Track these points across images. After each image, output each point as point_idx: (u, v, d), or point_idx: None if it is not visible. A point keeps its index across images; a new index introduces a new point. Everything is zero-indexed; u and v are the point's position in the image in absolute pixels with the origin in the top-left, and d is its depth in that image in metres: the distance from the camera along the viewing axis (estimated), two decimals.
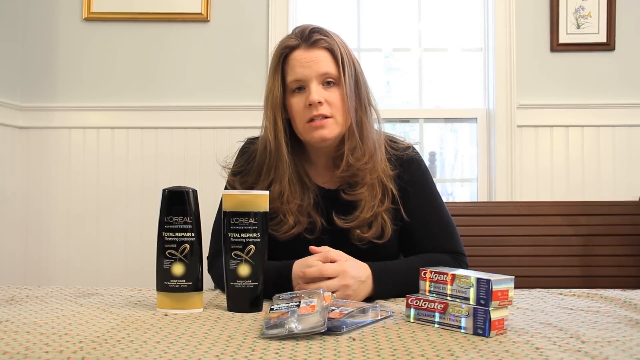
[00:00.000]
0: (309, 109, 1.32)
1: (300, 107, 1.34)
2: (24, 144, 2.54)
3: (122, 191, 2.54)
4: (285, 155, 1.35)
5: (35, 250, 2.54)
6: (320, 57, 1.34)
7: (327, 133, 1.33)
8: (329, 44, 1.35)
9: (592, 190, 2.48)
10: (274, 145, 1.36)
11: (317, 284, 1.16)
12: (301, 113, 1.34)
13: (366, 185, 1.35)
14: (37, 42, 2.56)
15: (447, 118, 2.70)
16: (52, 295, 1.23)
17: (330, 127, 1.33)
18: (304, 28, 1.37)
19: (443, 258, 1.34)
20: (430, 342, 0.87)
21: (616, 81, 2.50)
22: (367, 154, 1.35)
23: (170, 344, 0.84)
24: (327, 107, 1.32)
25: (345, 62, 1.36)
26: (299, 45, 1.35)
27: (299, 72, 1.33)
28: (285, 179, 1.35)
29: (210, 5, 2.54)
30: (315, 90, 1.32)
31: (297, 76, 1.34)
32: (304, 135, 1.36)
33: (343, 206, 1.35)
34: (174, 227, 1.08)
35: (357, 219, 1.33)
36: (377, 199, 1.35)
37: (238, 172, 1.43)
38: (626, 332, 0.94)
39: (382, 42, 2.68)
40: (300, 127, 1.35)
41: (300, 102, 1.34)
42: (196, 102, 2.54)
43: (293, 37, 1.37)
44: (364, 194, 1.34)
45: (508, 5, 2.51)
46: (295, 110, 1.35)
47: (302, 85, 1.34)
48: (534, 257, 2.31)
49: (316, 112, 1.31)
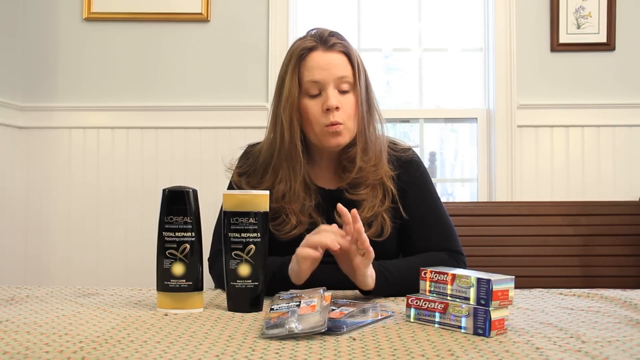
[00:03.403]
0: (326, 114, 1.34)
1: (317, 111, 1.35)
2: (24, 144, 2.54)
3: (122, 191, 2.54)
4: (300, 157, 1.36)
5: (36, 250, 2.54)
6: (337, 60, 1.36)
7: (341, 140, 1.35)
8: (346, 48, 1.38)
9: (592, 190, 2.48)
10: (289, 146, 1.36)
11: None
12: (318, 117, 1.35)
13: (369, 186, 1.37)
14: (37, 42, 2.56)
15: (447, 118, 2.70)
16: (52, 295, 1.23)
17: (345, 134, 1.36)
18: (321, 31, 1.39)
19: (442, 257, 1.35)
20: (430, 342, 0.87)
21: (616, 81, 2.50)
22: (374, 158, 1.38)
23: (170, 344, 0.84)
24: (343, 113, 1.34)
25: (360, 68, 1.39)
26: (316, 47, 1.37)
27: (317, 75, 1.34)
28: (297, 180, 1.36)
29: (210, 5, 2.54)
30: (332, 94, 1.34)
31: (315, 78, 1.35)
32: (319, 138, 1.37)
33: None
34: (174, 227, 1.08)
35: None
36: (377, 199, 1.36)
37: (244, 172, 1.44)
38: (626, 332, 0.94)
39: (382, 42, 2.68)
40: (317, 131, 1.36)
41: (317, 106, 1.35)
42: (196, 102, 2.54)
43: (310, 39, 1.38)
44: (367, 194, 1.36)
45: (508, 5, 2.51)
46: (311, 114, 1.36)
47: (319, 88, 1.35)
48: (534, 257, 2.31)
49: (333, 118, 1.33)
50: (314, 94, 1.36)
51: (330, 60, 1.35)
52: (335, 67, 1.35)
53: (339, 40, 1.38)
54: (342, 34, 1.42)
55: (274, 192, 1.36)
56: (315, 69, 1.35)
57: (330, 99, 1.33)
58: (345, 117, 1.35)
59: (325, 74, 1.34)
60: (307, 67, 1.36)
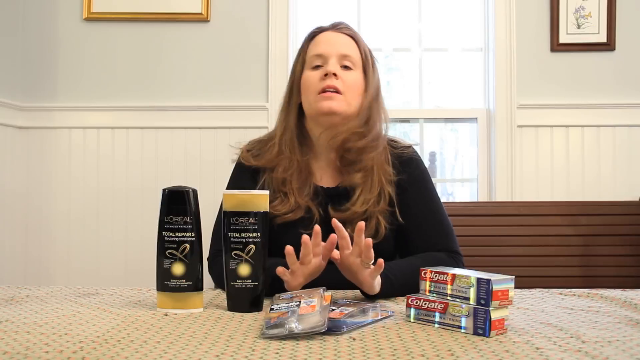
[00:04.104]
0: (323, 79, 1.36)
1: (315, 79, 1.37)
2: (24, 144, 2.54)
3: (122, 191, 2.54)
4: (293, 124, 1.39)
5: (36, 250, 2.54)
6: (344, 40, 1.42)
7: (335, 105, 1.35)
8: (354, 34, 1.44)
9: (592, 190, 2.48)
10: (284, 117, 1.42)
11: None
12: (314, 84, 1.37)
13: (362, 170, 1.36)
14: (37, 42, 2.56)
15: (447, 118, 2.70)
16: (52, 295, 1.23)
17: (339, 101, 1.36)
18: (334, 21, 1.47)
19: (441, 257, 1.35)
20: (430, 342, 0.87)
21: (616, 81, 2.50)
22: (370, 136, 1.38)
23: (170, 344, 0.84)
24: (341, 82, 1.36)
25: (369, 57, 1.43)
26: (326, 28, 1.44)
27: (321, 48, 1.40)
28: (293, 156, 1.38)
29: (210, 5, 2.54)
30: (333, 64, 1.37)
31: (319, 51, 1.39)
32: (313, 105, 1.37)
33: (339, 200, 1.37)
34: (174, 226, 1.08)
35: (350, 211, 1.34)
36: (372, 194, 1.35)
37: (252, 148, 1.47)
38: (626, 332, 0.94)
39: (382, 42, 2.68)
40: (311, 99, 1.37)
41: (315, 75, 1.38)
42: (196, 102, 2.54)
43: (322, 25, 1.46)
44: (360, 180, 1.35)
45: (508, 5, 2.51)
46: (309, 83, 1.38)
47: (321, 62, 1.39)
48: (534, 257, 2.31)
49: (330, 82, 1.35)
50: (316, 66, 1.39)
51: (337, 38, 1.41)
52: (340, 44, 1.39)
53: (349, 28, 1.45)
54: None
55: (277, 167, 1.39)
56: (321, 43, 1.40)
57: (330, 65, 1.36)
58: (345, 89, 1.36)
59: (330, 48, 1.39)
60: (314, 43, 1.42)
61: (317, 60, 1.39)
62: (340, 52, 1.39)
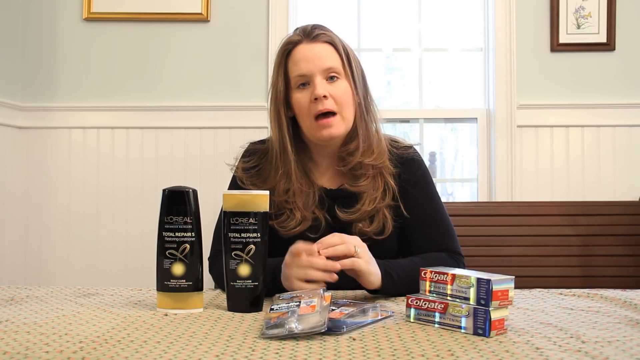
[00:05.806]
0: (314, 103, 1.33)
1: (305, 102, 1.34)
2: (24, 144, 2.54)
3: (122, 191, 2.54)
4: (289, 148, 1.36)
5: (36, 250, 2.54)
6: (323, 51, 1.35)
7: (334, 131, 1.34)
8: (330, 38, 1.37)
9: (592, 190, 2.48)
10: (279, 138, 1.37)
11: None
12: (306, 108, 1.34)
13: (369, 177, 1.36)
14: (37, 42, 2.56)
15: (447, 118, 2.70)
16: (52, 295, 1.23)
17: (337, 125, 1.34)
18: (306, 26, 1.40)
19: (443, 257, 1.35)
20: (430, 342, 0.87)
21: (616, 81, 2.50)
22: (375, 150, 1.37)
23: (170, 344, 0.84)
24: (332, 102, 1.33)
25: (350, 56, 1.38)
26: (301, 40, 1.37)
27: (303, 67, 1.34)
28: (292, 174, 1.36)
29: (210, 5, 2.54)
30: (320, 84, 1.33)
31: (301, 71, 1.35)
32: (311, 133, 1.36)
33: (346, 201, 1.36)
34: (174, 227, 1.08)
35: (359, 212, 1.34)
36: (378, 192, 1.36)
37: (249, 168, 1.44)
38: (626, 332, 0.94)
39: (382, 42, 2.68)
40: (307, 124, 1.36)
41: (305, 97, 1.34)
42: (196, 102, 2.54)
43: (295, 34, 1.39)
44: (367, 185, 1.36)
45: (508, 5, 2.51)
46: (300, 106, 1.35)
47: (307, 81, 1.35)
48: (534, 257, 2.31)
49: (322, 106, 1.32)
50: (303, 87, 1.36)
51: (315, 51, 1.35)
52: (320, 58, 1.34)
53: (323, 31, 1.38)
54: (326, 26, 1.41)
55: (277, 188, 1.36)
56: (302, 61, 1.35)
57: (317, 88, 1.32)
58: (338, 106, 1.34)
59: (311, 66, 1.34)
60: (294, 61, 1.36)
61: (301, 80, 1.35)
62: (322, 66, 1.34)
